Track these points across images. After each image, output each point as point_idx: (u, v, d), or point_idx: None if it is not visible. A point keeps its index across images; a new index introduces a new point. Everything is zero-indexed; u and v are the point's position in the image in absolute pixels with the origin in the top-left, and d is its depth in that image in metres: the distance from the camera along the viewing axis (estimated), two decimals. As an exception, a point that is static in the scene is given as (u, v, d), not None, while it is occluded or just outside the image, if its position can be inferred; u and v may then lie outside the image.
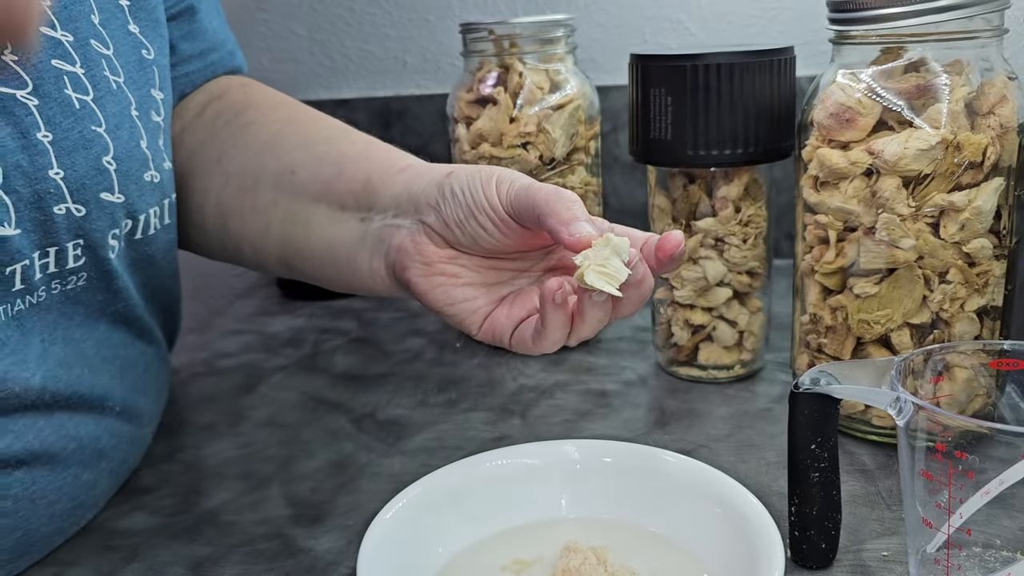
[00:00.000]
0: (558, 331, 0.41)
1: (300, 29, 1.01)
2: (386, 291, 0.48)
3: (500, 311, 0.45)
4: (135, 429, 0.52)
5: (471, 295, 0.45)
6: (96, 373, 0.48)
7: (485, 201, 0.43)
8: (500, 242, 0.43)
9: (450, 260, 0.45)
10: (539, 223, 0.40)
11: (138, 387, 0.52)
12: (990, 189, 0.47)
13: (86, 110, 0.44)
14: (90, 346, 0.48)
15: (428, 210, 0.44)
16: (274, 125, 0.56)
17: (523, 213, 0.41)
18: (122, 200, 0.47)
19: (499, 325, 0.44)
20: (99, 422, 0.48)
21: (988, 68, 0.48)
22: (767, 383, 0.63)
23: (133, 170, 0.47)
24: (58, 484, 0.46)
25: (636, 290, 0.40)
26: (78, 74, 0.44)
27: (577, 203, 0.40)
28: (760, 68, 0.56)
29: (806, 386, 0.40)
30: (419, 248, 0.45)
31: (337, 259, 0.50)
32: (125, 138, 0.47)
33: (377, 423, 0.61)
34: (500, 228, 0.43)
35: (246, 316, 0.86)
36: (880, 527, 0.45)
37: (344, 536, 0.47)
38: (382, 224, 0.47)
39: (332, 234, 0.50)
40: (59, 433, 0.46)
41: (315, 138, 0.54)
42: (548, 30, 0.67)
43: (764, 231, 0.61)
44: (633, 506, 0.43)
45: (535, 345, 0.43)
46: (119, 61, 0.47)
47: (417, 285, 0.45)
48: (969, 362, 0.41)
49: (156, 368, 0.55)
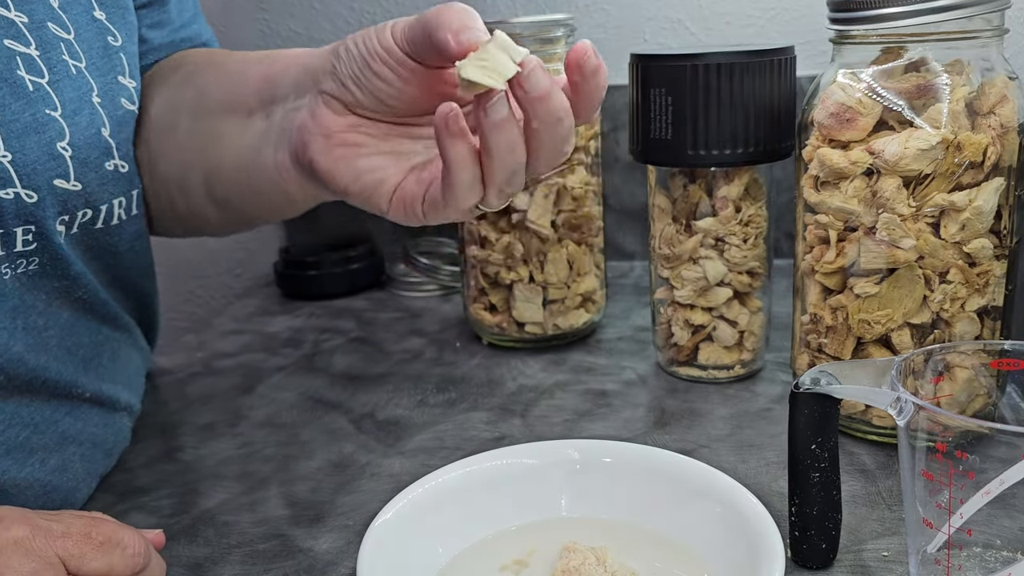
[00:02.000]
0: (466, 171, 0.38)
1: (300, 29, 1.01)
2: (296, 189, 0.46)
3: (410, 178, 0.42)
4: (107, 413, 0.52)
5: (378, 164, 0.42)
6: (61, 361, 0.48)
7: (379, 45, 0.40)
8: (400, 91, 0.41)
9: (352, 128, 0.42)
10: (431, 43, 0.38)
11: (106, 374, 0.52)
12: (990, 189, 0.47)
13: (40, 93, 0.43)
14: (53, 334, 0.47)
15: (325, 77, 0.42)
16: (200, 62, 0.55)
17: (417, 41, 0.39)
18: (79, 188, 0.45)
19: (409, 193, 0.42)
20: (60, 406, 0.48)
21: (988, 68, 0.48)
22: (767, 383, 0.63)
23: (92, 158, 0.46)
24: (25, 472, 0.46)
25: (543, 105, 0.37)
26: (32, 55, 0.43)
27: (470, 12, 0.37)
28: (760, 68, 0.56)
29: (806, 386, 0.40)
30: (318, 120, 0.42)
31: (248, 166, 0.48)
32: (84, 124, 0.45)
33: (377, 423, 0.61)
34: (398, 73, 0.40)
35: (245, 316, 0.86)
36: (880, 527, 0.45)
37: (344, 536, 0.47)
38: (283, 113, 0.46)
39: (242, 141, 0.48)
40: (11, 421, 0.45)
41: (229, 62, 0.53)
42: (548, 30, 0.67)
43: (764, 231, 0.61)
44: (633, 506, 0.43)
45: (446, 200, 0.40)
46: (80, 46, 0.46)
47: (319, 164, 0.42)
48: (969, 362, 0.41)
49: (126, 355, 0.55)
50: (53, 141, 0.44)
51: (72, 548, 0.35)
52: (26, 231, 0.44)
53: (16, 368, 0.45)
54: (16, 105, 0.42)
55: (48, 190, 0.44)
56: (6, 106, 0.42)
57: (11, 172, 0.42)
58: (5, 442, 0.45)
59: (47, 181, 0.43)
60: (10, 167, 0.42)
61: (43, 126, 0.43)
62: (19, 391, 0.45)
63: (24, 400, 0.46)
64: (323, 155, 0.42)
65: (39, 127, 0.43)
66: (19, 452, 0.46)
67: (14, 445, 0.46)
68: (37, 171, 0.43)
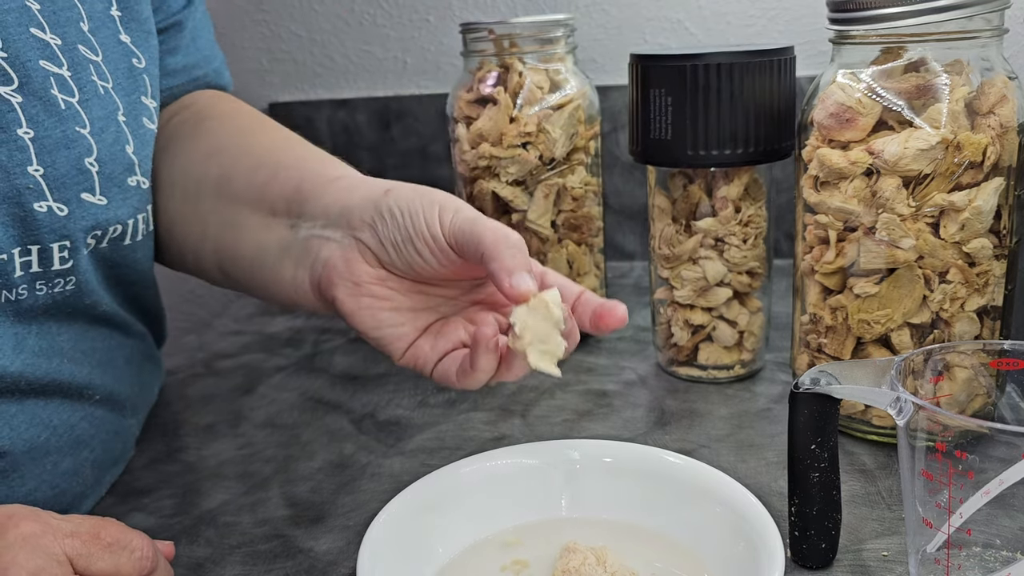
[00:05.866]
0: (487, 373, 0.41)
1: (300, 29, 1.01)
2: (308, 305, 0.47)
3: (424, 341, 0.44)
4: (117, 418, 0.53)
5: (398, 320, 0.44)
6: (75, 363, 0.48)
7: (426, 229, 0.41)
8: (435, 271, 0.43)
9: (380, 282, 0.44)
10: (481, 262, 0.40)
11: (120, 377, 0.53)
12: (990, 189, 0.47)
13: (71, 111, 0.45)
14: (67, 339, 0.48)
15: (363, 227, 0.43)
16: (223, 135, 0.55)
17: (466, 248, 0.41)
18: (104, 202, 0.47)
19: (423, 355, 0.44)
20: (76, 409, 0.49)
21: (988, 68, 0.48)
22: (767, 383, 0.63)
23: (116, 173, 0.48)
24: (37, 472, 0.46)
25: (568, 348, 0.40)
26: (64, 76, 0.45)
27: (522, 250, 0.40)
28: (760, 68, 0.56)
29: (806, 386, 0.40)
30: (350, 266, 0.43)
31: (264, 265, 0.49)
32: (110, 141, 0.47)
33: (377, 423, 0.61)
34: (438, 257, 0.42)
35: (245, 316, 0.86)
36: (880, 527, 0.45)
37: (344, 536, 0.47)
38: (309, 233, 0.46)
39: (262, 239, 0.49)
40: (32, 421, 0.46)
41: (257, 147, 0.54)
42: (548, 30, 0.67)
43: (764, 231, 0.61)
44: (633, 506, 0.43)
45: (459, 381, 0.42)
46: (108, 67, 0.48)
47: (344, 304, 0.44)
48: (969, 362, 0.41)
49: (139, 360, 0.56)
50: (81, 156, 0.45)
51: (80, 547, 0.35)
52: (62, 247, 0.45)
53: (30, 372, 0.45)
54: (49, 122, 0.44)
55: (77, 203, 0.45)
56: (40, 123, 0.43)
57: (43, 186, 0.43)
58: (25, 441, 0.46)
59: (76, 195, 0.45)
60: (42, 180, 0.43)
61: (73, 142, 0.45)
62: (35, 393, 0.46)
63: (41, 401, 0.47)
64: (349, 299, 0.44)
65: (69, 143, 0.44)
66: (37, 451, 0.46)
67: (34, 445, 0.46)
68: (67, 184, 0.44)
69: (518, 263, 0.39)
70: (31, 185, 0.43)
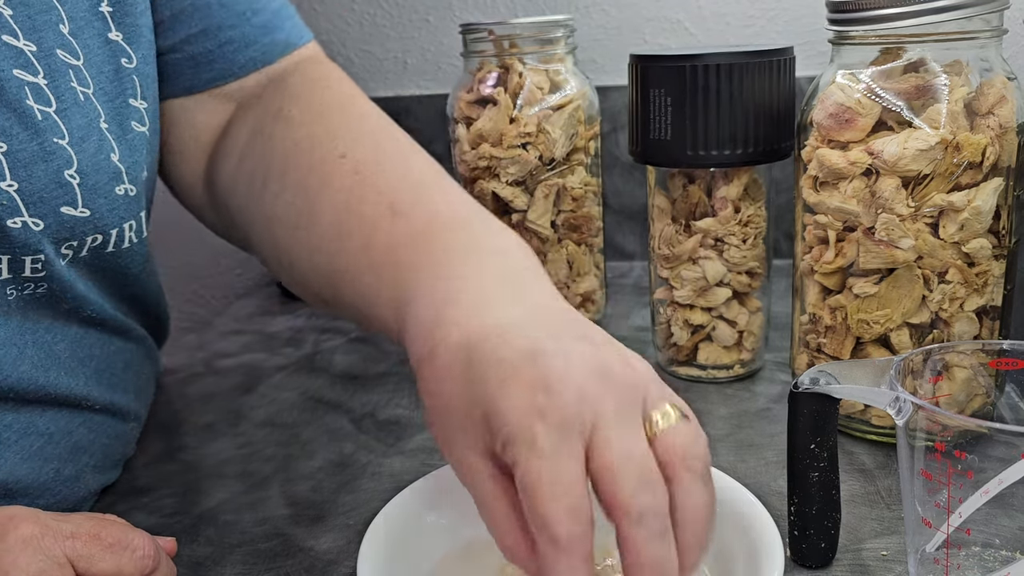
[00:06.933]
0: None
1: (300, 29, 1.01)
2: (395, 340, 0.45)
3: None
4: (117, 424, 0.52)
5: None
6: (72, 374, 0.48)
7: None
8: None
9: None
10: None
11: (118, 384, 0.52)
12: (989, 189, 0.47)
13: (48, 122, 0.43)
14: (63, 348, 0.47)
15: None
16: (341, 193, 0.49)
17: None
18: (87, 214, 0.45)
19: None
20: (74, 417, 0.48)
21: (987, 68, 0.48)
22: (767, 383, 0.63)
23: (101, 184, 0.46)
24: (40, 480, 0.46)
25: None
26: (40, 85, 0.43)
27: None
28: (760, 68, 0.56)
29: (805, 386, 0.40)
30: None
31: (349, 292, 0.46)
32: (92, 151, 0.45)
33: (377, 423, 0.61)
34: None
35: (246, 316, 0.86)
36: (879, 526, 0.45)
37: (344, 536, 0.47)
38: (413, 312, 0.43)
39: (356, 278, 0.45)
40: (26, 430, 0.46)
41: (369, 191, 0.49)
42: (548, 30, 0.67)
43: (763, 231, 0.61)
44: (633, 506, 0.43)
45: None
46: (89, 71, 0.46)
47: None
48: (968, 362, 0.41)
49: (138, 365, 0.55)
50: (61, 169, 0.43)
51: (81, 548, 0.35)
52: (35, 260, 0.44)
53: (27, 384, 0.45)
54: (23, 135, 0.42)
55: (54, 217, 0.43)
56: (13, 136, 0.41)
57: (18, 201, 0.42)
58: (21, 451, 0.45)
59: (54, 209, 0.43)
60: (16, 196, 0.42)
61: (50, 155, 0.43)
62: (31, 403, 0.46)
63: (37, 411, 0.46)
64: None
65: (46, 156, 0.43)
66: (35, 460, 0.46)
67: (30, 454, 0.46)
68: (44, 199, 0.43)
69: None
70: (4, 201, 0.41)
